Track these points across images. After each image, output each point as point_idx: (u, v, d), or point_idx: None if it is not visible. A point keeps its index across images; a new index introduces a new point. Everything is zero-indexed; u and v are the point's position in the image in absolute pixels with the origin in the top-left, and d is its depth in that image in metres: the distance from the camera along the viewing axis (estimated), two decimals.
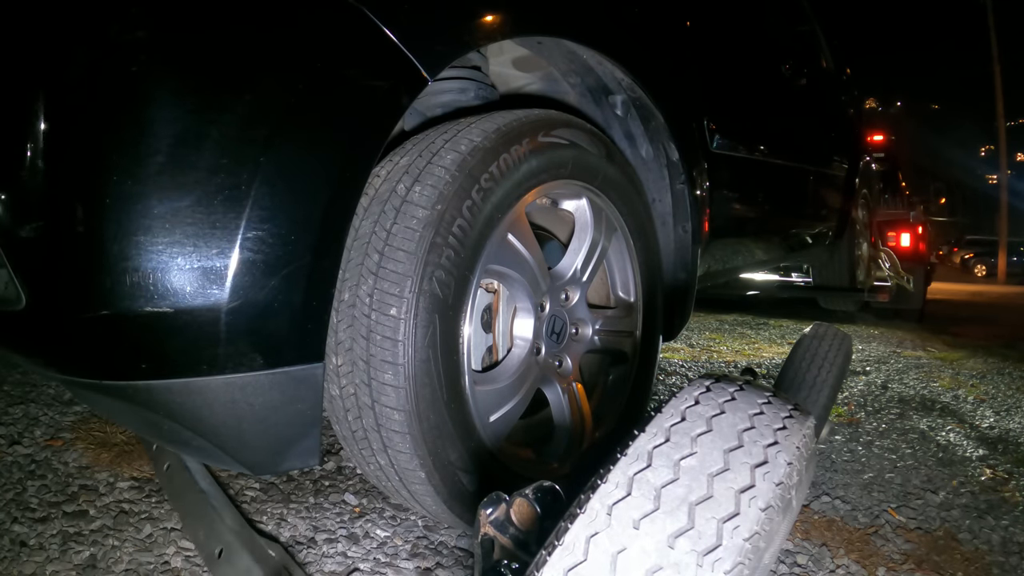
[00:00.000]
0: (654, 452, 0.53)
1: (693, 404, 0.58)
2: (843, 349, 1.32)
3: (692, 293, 1.73)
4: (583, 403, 1.31)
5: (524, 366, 1.18)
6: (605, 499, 0.50)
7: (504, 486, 0.77)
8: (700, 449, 0.53)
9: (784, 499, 0.51)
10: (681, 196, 1.63)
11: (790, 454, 0.53)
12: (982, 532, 1.45)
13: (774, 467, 0.52)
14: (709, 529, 0.47)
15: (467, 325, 1.02)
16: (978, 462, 1.93)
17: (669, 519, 0.48)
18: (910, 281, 5.03)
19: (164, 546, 1.07)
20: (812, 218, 3.14)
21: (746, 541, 0.47)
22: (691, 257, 1.68)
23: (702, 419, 0.56)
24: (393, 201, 0.97)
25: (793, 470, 0.53)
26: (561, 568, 0.47)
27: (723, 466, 0.52)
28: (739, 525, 0.47)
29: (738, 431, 0.55)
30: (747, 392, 0.61)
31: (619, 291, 1.45)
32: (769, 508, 0.49)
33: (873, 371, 3.19)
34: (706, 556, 0.46)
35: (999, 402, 2.72)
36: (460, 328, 1.01)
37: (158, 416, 0.87)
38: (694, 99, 1.72)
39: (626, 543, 0.47)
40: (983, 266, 23.69)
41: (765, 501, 0.49)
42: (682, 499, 0.49)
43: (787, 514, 0.52)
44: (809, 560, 1.25)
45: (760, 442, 0.54)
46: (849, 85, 3.88)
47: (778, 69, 2.59)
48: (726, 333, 4.12)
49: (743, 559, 0.46)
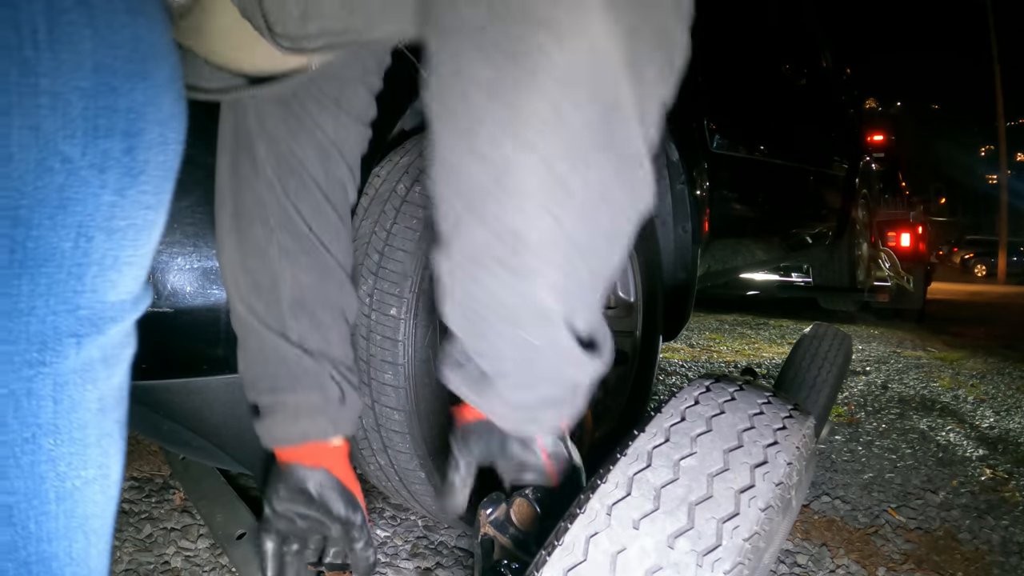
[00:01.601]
0: (654, 452, 0.53)
1: (693, 404, 0.58)
2: (843, 349, 1.32)
3: (692, 293, 1.73)
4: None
5: None
6: (605, 499, 0.50)
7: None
8: (700, 449, 0.53)
9: (784, 499, 0.51)
10: (681, 196, 1.63)
11: (790, 454, 0.53)
12: (982, 532, 1.45)
13: (774, 467, 0.51)
14: (709, 529, 0.47)
15: None
16: (978, 462, 1.93)
17: (669, 519, 0.48)
18: (910, 281, 5.04)
19: (164, 546, 1.07)
20: (812, 218, 3.14)
21: (746, 541, 0.47)
22: (691, 257, 1.68)
23: (702, 419, 0.56)
24: (393, 201, 0.97)
25: (793, 470, 0.53)
26: (561, 568, 0.47)
27: (723, 466, 0.52)
28: (739, 525, 0.47)
29: (738, 431, 0.55)
30: (747, 392, 0.61)
31: (619, 291, 1.45)
32: (769, 508, 0.49)
33: (873, 371, 3.19)
34: (706, 556, 0.46)
35: (999, 402, 2.72)
36: None
37: (158, 416, 0.87)
38: (694, 99, 1.72)
39: (626, 543, 0.47)
40: (983, 266, 23.71)
41: (765, 501, 0.49)
42: (682, 499, 0.49)
43: (787, 514, 0.52)
44: (809, 560, 1.25)
45: (760, 442, 0.54)
46: (849, 85, 3.88)
47: (778, 69, 2.59)
48: (726, 333, 4.12)
49: (743, 559, 0.46)
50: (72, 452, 0.37)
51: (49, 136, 0.31)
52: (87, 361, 0.36)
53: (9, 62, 0.30)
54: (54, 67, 0.31)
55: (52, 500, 0.36)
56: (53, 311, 0.34)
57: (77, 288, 0.34)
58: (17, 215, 0.31)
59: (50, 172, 0.32)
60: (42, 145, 0.31)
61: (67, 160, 0.32)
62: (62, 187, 0.32)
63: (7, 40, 0.29)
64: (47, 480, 0.36)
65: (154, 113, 0.35)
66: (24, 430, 0.34)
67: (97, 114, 0.33)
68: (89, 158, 0.33)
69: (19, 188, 0.31)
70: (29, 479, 0.35)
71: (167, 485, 1.28)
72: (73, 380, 0.36)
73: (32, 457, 0.35)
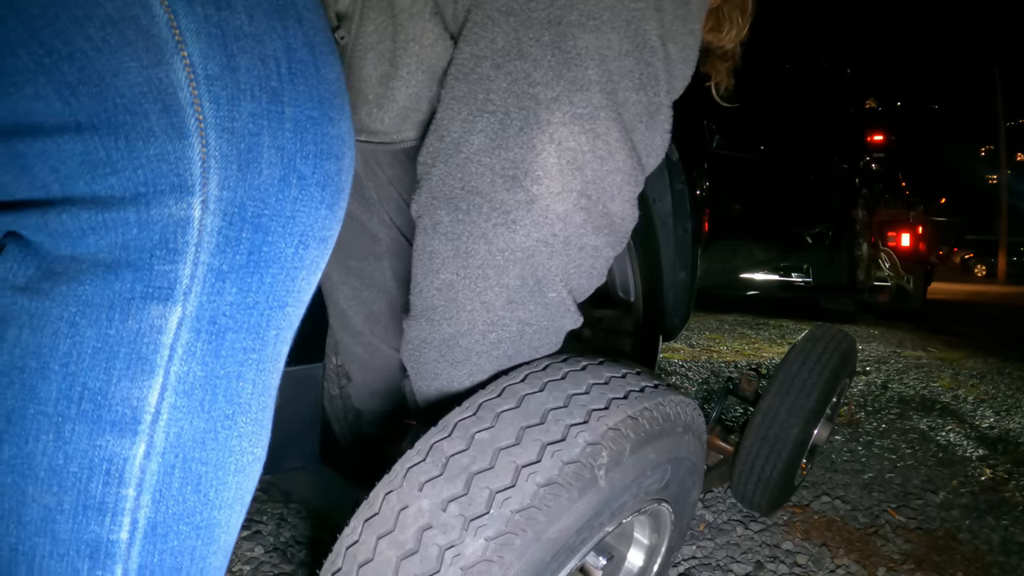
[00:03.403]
0: (458, 424, 0.57)
1: (519, 382, 0.61)
2: (839, 351, 1.32)
3: (692, 293, 1.73)
4: None
5: None
6: (406, 463, 0.56)
7: None
8: (498, 424, 0.56)
9: (581, 477, 0.53)
10: (681, 196, 1.62)
11: (596, 434, 0.55)
12: (982, 532, 1.44)
13: (569, 446, 0.54)
14: (480, 497, 0.51)
15: None
16: (978, 462, 1.93)
17: (448, 485, 0.53)
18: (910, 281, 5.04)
19: None
20: (812, 218, 3.14)
21: (516, 513, 0.50)
22: (691, 257, 1.68)
23: (515, 396, 0.59)
24: None
25: (600, 450, 0.55)
26: (361, 519, 0.55)
27: (513, 441, 0.55)
28: (511, 497, 0.51)
29: (546, 409, 0.57)
30: (589, 372, 0.62)
31: (619, 291, 1.45)
32: (553, 485, 0.52)
33: (873, 371, 3.19)
34: (472, 521, 0.50)
35: (999, 402, 2.72)
36: None
37: None
38: (694, 99, 1.72)
39: (409, 502, 0.53)
40: (983, 266, 23.68)
41: (546, 477, 0.52)
42: (464, 468, 0.53)
43: (589, 493, 0.54)
44: (809, 560, 1.25)
45: (564, 421, 0.56)
46: (849, 84, 3.88)
47: (779, 69, 2.59)
48: (726, 333, 4.12)
49: (512, 529, 0.50)
50: (255, 432, 0.42)
51: (290, 156, 0.37)
52: (280, 352, 0.42)
53: (260, 90, 0.35)
54: (294, 98, 0.37)
55: (232, 472, 0.41)
56: (269, 307, 0.39)
57: (289, 288, 0.40)
58: (259, 222, 0.37)
59: (289, 187, 0.37)
60: (285, 163, 0.37)
61: (301, 177, 0.38)
62: (295, 200, 0.38)
63: (258, 70, 0.35)
64: (233, 454, 0.41)
65: (350, 141, 0.42)
66: (228, 407, 0.39)
67: (322, 139, 0.39)
68: (317, 176, 0.39)
69: (264, 200, 0.37)
70: (222, 452, 0.40)
71: None
72: (268, 367, 0.41)
73: (228, 432, 0.40)
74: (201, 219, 0.35)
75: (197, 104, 0.34)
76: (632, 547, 0.78)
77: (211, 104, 0.34)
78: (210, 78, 0.34)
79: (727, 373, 2.83)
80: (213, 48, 0.34)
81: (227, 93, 0.35)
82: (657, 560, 0.78)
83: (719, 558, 1.23)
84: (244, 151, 0.36)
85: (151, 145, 0.34)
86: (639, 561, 0.78)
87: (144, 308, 0.35)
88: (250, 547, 1.11)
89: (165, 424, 0.37)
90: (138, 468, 0.37)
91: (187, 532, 0.40)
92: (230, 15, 0.35)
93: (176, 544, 0.39)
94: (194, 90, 0.34)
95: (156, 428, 0.37)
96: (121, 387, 0.36)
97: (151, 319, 0.35)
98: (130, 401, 0.36)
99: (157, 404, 0.37)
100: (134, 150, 0.33)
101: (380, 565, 0.51)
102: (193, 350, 0.37)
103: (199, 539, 0.40)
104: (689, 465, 0.70)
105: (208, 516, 0.40)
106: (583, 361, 0.64)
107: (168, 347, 0.36)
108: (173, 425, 0.37)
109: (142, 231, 0.34)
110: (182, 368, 0.37)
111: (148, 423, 0.37)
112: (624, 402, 0.59)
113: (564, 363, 0.63)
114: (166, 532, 0.39)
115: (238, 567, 1.05)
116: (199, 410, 0.38)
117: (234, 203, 0.36)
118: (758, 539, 1.31)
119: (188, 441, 0.38)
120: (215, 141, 0.35)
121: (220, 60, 0.35)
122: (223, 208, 0.36)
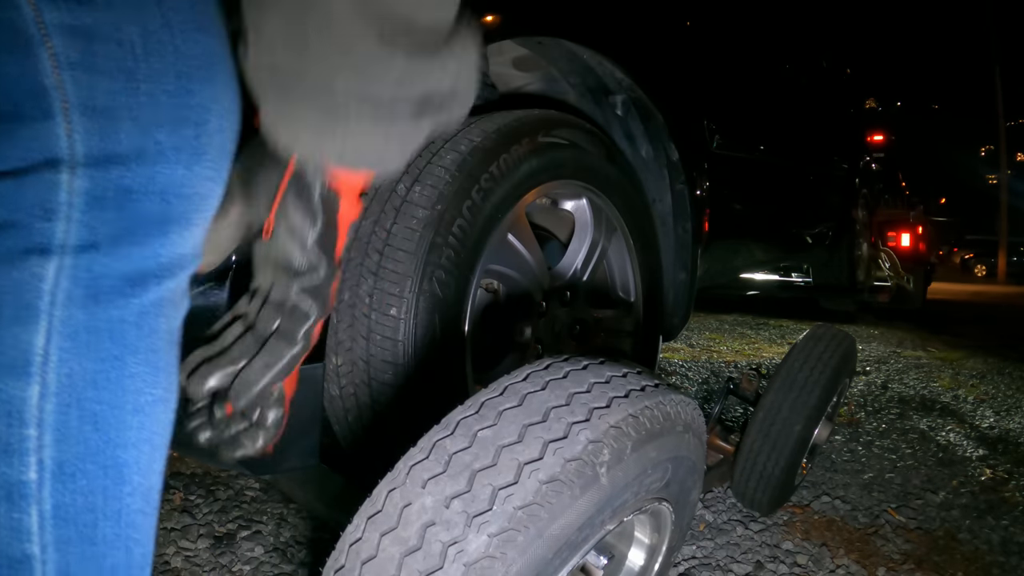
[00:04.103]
0: (460, 422, 0.58)
1: (521, 380, 0.61)
2: (840, 350, 1.32)
3: (692, 293, 1.73)
4: None
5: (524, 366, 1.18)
6: (409, 460, 0.57)
7: None
8: (500, 422, 0.57)
9: (583, 474, 0.54)
10: (681, 196, 1.63)
11: (597, 432, 0.55)
12: (982, 532, 1.45)
13: (571, 444, 0.54)
14: (483, 494, 0.52)
15: (467, 325, 1.02)
16: (978, 462, 1.93)
17: (451, 482, 0.54)
18: (910, 281, 5.04)
19: (164, 546, 1.07)
20: (812, 218, 3.14)
21: (519, 509, 0.51)
22: (691, 257, 1.68)
23: (517, 395, 0.59)
24: (393, 201, 0.97)
25: (602, 447, 0.55)
26: (364, 515, 0.55)
27: (516, 439, 0.55)
28: (513, 494, 0.52)
29: (547, 407, 0.57)
30: (590, 371, 0.62)
31: (619, 291, 1.45)
32: (555, 481, 0.52)
33: (873, 371, 3.19)
34: (475, 518, 0.51)
35: (999, 402, 2.72)
36: (460, 328, 1.01)
37: None
38: (694, 99, 1.72)
39: (412, 499, 0.54)
40: (983, 266, 23.68)
41: (548, 474, 0.52)
42: (467, 465, 0.54)
43: (591, 490, 0.54)
44: (809, 560, 1.25)
45: (567, 419, 0.56)
46: (849, 84, 3.88)
47: (779, 69, 2.59)
48: (726, 333, 4.12)
49: (514, 526, 0.50)
50: (147, 372, 0.46)
51: (145, 125, 0.42)
52: (161, 298, 0.46)
53: (118, 71, 0.41)
54: (148, 75, 0.42)
55: (130, 411, 0.45)
56: (142, 256, 0.44)
57: (163, 241, 0.45)
58: (121, 183, 0.42)
59: (146, 152, 0.43)
60: (141, 132, 0.42)
61: (157, 143, 0.43)
62: (154, 163, 0.43)
63: (114, 54, 0.41)
64: (128, 393, 0.44)
65: (216, 108, 0.46)
66: (114, 348, 0.43)
67: (178, 108, 0.44)
68: (172, 141, 0.44)
69: (124, 164, 0.42)
70: (116, 391, 0.44)
71: (167, 485, 1.28)
72: (151, 312, 0.45)
73: (120, 372, 0.44)
74: (70, 183, 0.41)
75: (61, 88, 0.40)
76: (633, 546, 0.78)
77: (73, 86, 0.40)
78: (72, 64, 0.40)
79: (727, 373, 2.83)
80: (75, 38, 0.40)
81: (87, 76, 0.40)
82: (658, 560, 0.78)
83: (719, 558, 1.23)
84: (104, 124, 0.41)
85: (25, 126, 0.39)
86: (640, 560, 0.78)
87: (26, 260, 0.40)
88: (250, 547, 1.11)
89: (55, 366, 0.41)
90: (36, 408, 0.41)
91: (95, 472, 0.43)
92: (90, 8, 0.40)
93: (85, 484, 0.43)
94: (58, 76, 0.39)
95: (47, 369, 0.41)
96: (11, 332, 0.40)
97: (31, 268, 0.40)
98: (19, 344, 0.40)
99: (45, 346, 0.41)
100: (13, 134, 0.39)
101: (383, 562, 0.52)
102: (73, 296, 0.41)
103: (108, 478, 0.44)
104: (689, 464, 0.70)
105: (113, 455, 0.44)
106: (584, 360, 0.64)
107: (49, 293, 0.41)
108: (63, 366, 0.41)
109: (22, 197, 0.40)
110: (64, 312, 0.41)
111: (39, 364, 0.41)
112: (625, 400, 0.59)
113: (565, 362, 0.64)
114: (73, 472, 0.42)
115: (238, 567, 1.05)
116: (86, 351, 0.42)
117: (98, 168, 0.41)
118: (758, 539, 1.31)
119: (80, 382, 0.42)
120: (78, 118, 0.40)
121: (80, 47, 0.40)
122: (89, 173, 0.41)
